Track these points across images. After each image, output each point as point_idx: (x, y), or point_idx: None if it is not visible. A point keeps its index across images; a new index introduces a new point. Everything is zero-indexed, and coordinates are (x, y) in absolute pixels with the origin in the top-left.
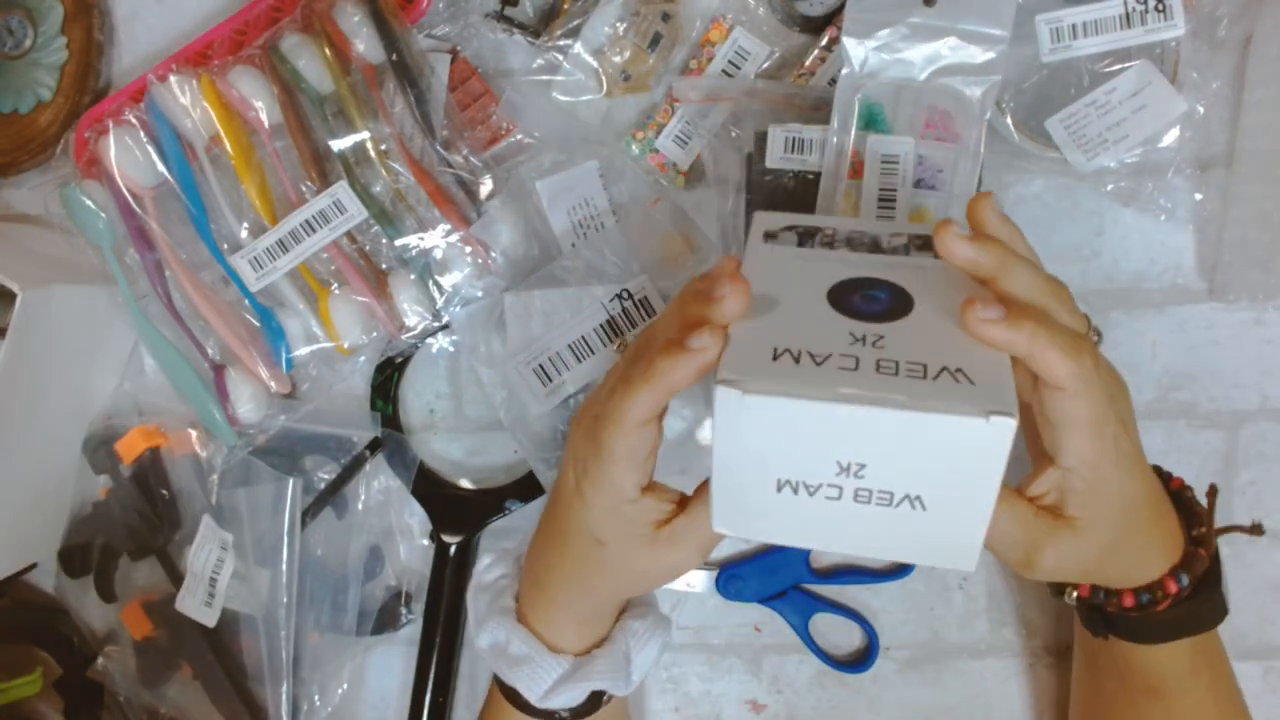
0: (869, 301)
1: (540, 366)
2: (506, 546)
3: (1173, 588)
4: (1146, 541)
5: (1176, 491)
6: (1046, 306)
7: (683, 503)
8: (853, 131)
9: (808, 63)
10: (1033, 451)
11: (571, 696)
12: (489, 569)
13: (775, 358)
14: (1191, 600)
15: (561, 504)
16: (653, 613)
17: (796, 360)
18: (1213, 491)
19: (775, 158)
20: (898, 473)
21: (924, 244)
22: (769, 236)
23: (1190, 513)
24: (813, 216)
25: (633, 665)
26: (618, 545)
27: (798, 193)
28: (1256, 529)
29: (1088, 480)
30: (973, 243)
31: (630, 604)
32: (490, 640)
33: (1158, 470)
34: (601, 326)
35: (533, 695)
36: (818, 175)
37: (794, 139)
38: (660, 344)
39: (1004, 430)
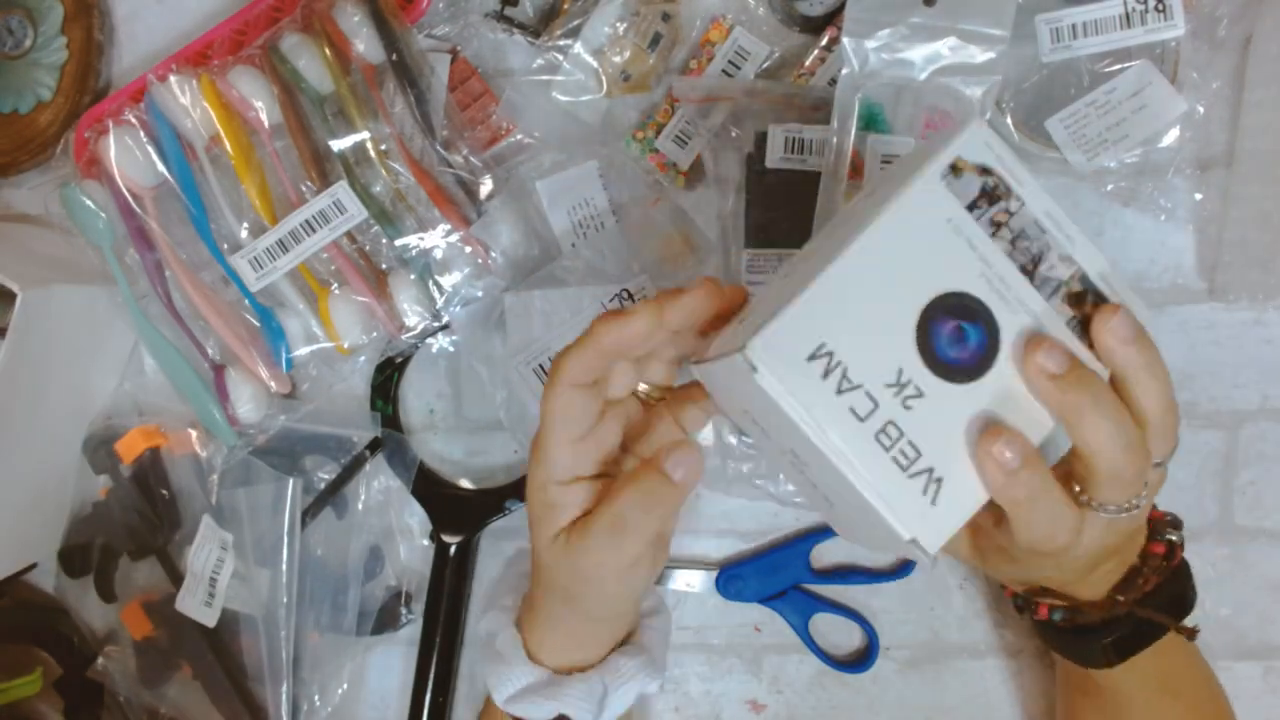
0: (953, 340)
1: (540, 366)
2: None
3: (1044, 613)
4: (1098, 578)
5: (1153, 520)
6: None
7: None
8: (853, 131)
9: (808, 63)
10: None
11: (537, 709)
12: (511, 563)
13: (812, 357)
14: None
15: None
16: (645, 656)
17: (825, 375)
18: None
19: (775, 158)
20: (841, 501)
21: (1082, 317)
22: (954, 171)
23: (1154, 540)
24: (1015, 168)
25: (607, 700)
26: (536, 530)
27: (798, 193)
28: (1191, 631)
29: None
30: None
31: (629, 641)
32: (486, 629)
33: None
34: None
35: (498, 695)
36: (818, 175)
37: (794, 139)
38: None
39: (922, 560)
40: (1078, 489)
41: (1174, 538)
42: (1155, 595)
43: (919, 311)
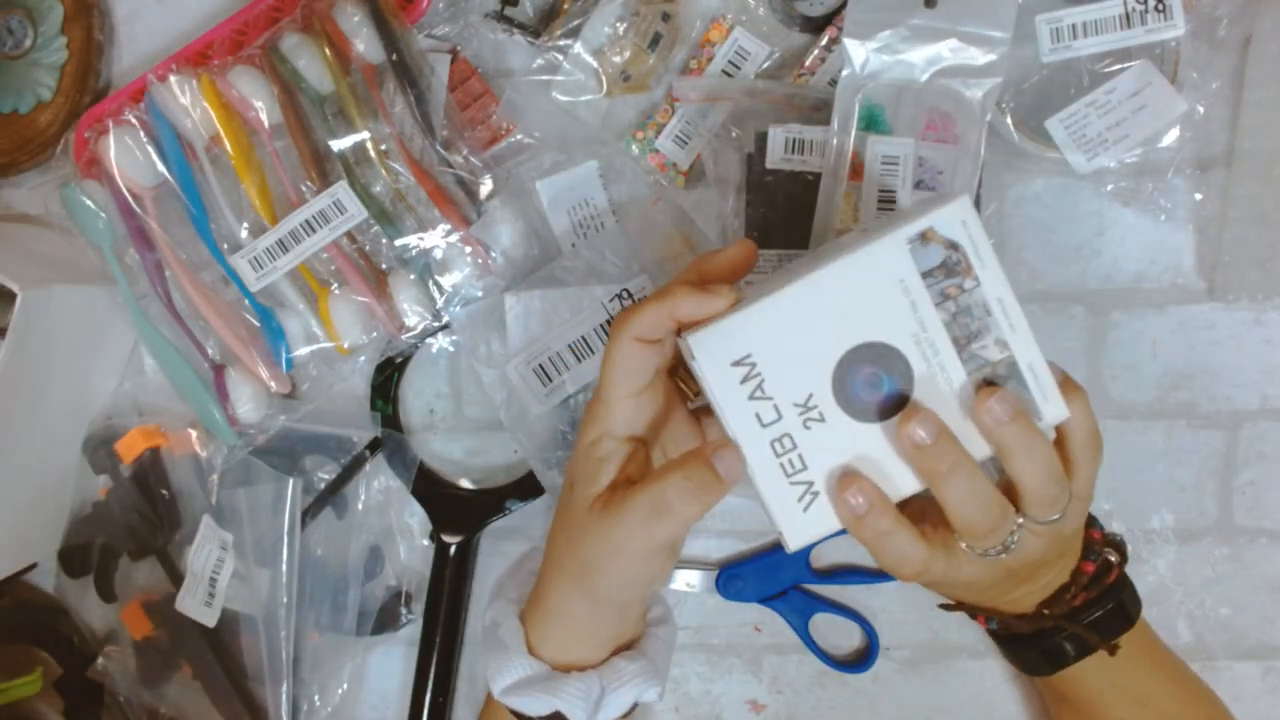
0: (866, 383)
1: (540, 367)
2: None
3: (981, 621)
4: (1023, 596)
5: (1088, 539)
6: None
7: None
8: (853, 132)
9: (808, 63)
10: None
11: (533, 703)
12: (523, 560)
13: (737, 363)
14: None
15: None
16: (645, 662)
17: (743, 381)
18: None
19: (776, 158)
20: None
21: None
22: (923, 238)
23: (1086, 559)
24: (983, 250)
25: (603, 701)
26: (578, 489)
27: (798, 194)
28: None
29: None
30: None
31: (631, 646)
32: (490, 618)
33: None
34: (602, 327)
35: (495, 685)
36: (818, 176)
37: (794, 139)
38: (677, 280)
39: (788, 549)
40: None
41: (1111, 557)
42: (1085, 610)
43: (844, 350)
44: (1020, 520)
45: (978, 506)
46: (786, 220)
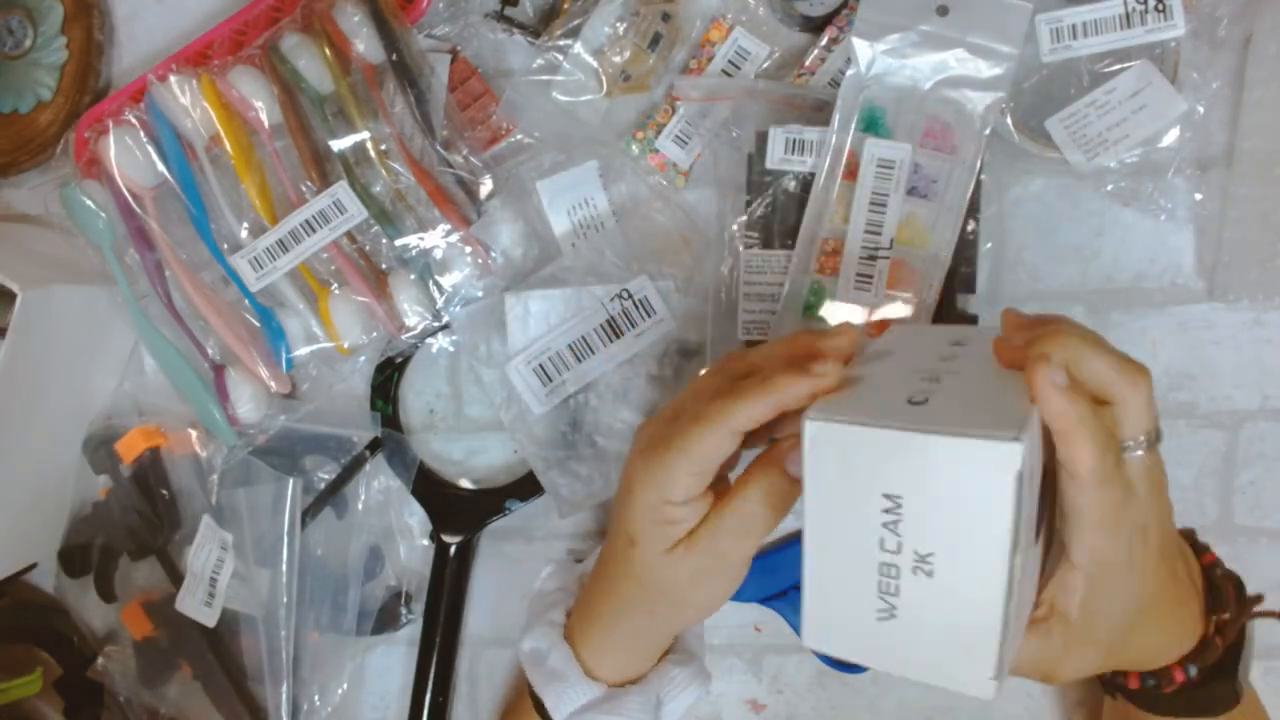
0: None
1: (541, 367)
2: (576, 557)
3: (1179, 676)
4: (1159, 630)
5: (1207, 568)
6: (1118, 393)
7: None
8: (852, 132)
9: (808, 62)
10: None
11: None
12: (550, 578)
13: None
14: (1201, 687)
15: (611, 517)
16: (696, 663)
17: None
18: (1243, 597)
19: (776, 159)
20: (924, 521)
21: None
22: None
23: (1217, 593)
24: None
25: (663, 710)
26: (646, 547)
27: (798, 194)
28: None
29: (1093, 579)
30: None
31: (675, 648)
32: (532, 646)
33: (1191, 540)
34: (602, 326)
35: (558, 713)
36: None
37: (795, 140)
38: (778, 364)
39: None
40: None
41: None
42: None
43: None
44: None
45: (1126, 382)
46: (786, 221)
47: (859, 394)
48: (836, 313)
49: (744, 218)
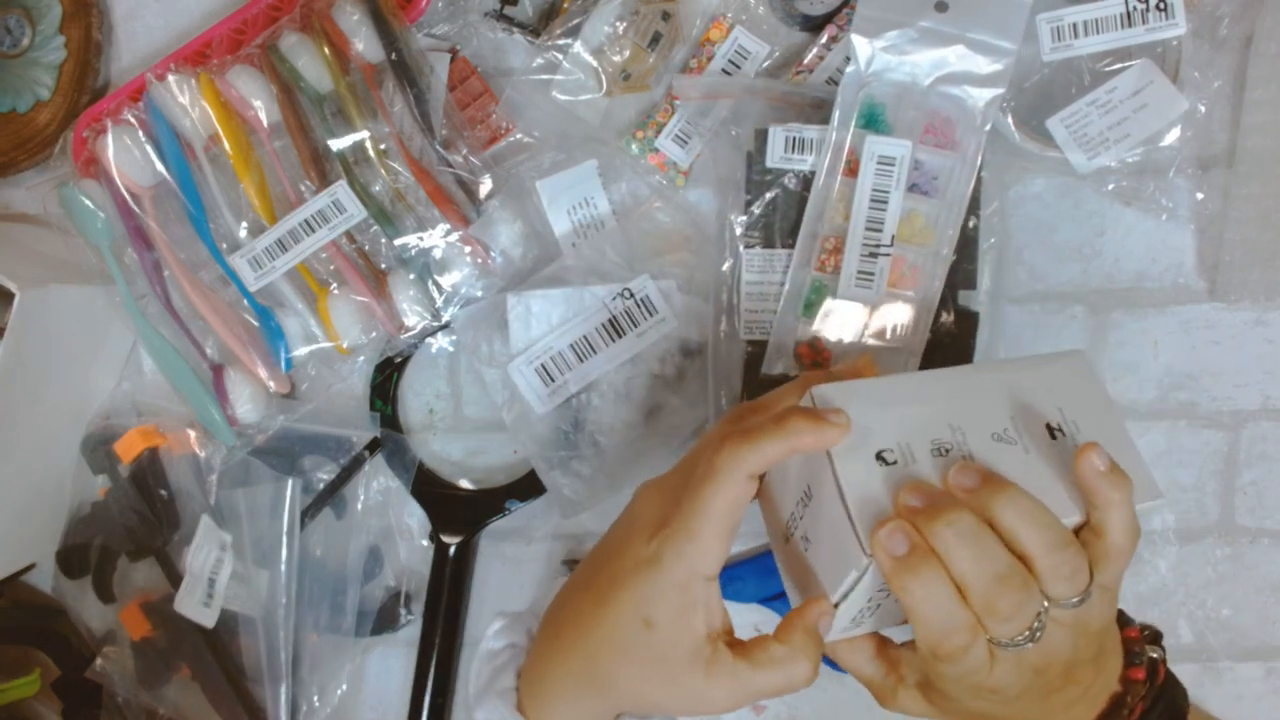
0: None
1: (542, 367)
2: (519, 611)
3: None
4: (1063, 710)
5: (1127, 641)
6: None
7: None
8: (851, 129)
9: (806, 60)
10: None
11: None
12: (498, 635)
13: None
14: None
15: (613, 579)
16: None
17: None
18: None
19: (775, 157)
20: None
21: None
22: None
23: (1132, 665)
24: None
25: None
26: (665, 632)
27: (798, 193)
28: None
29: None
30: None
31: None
32: (484, 718)
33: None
34: (603, 326)
35: None
36: None
37: (794, 138)
38: (793, 408)
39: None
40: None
41: (1155, 654)
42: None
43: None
44: (1045, 604)
45: (993, 578)
46: (786, 220)
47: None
48: (837, 310)
49: (744, 217)
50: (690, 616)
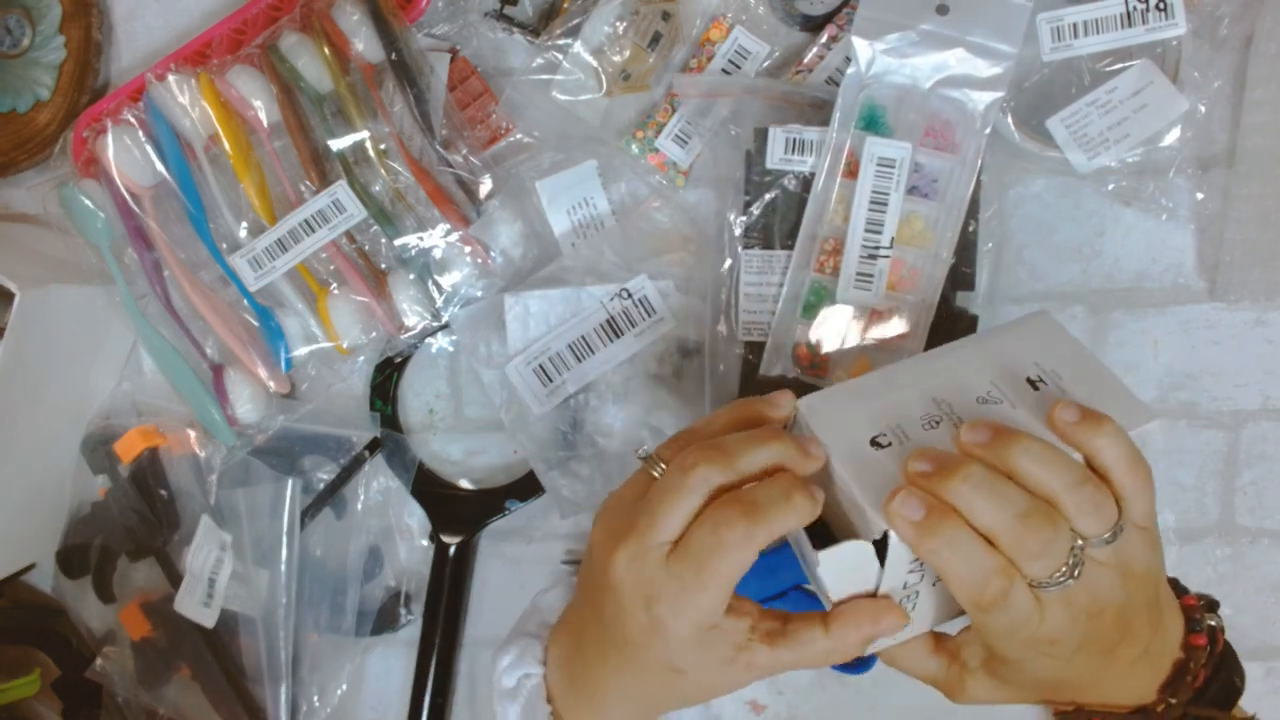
0: None
1: (540, 367)
2: (527, 635)
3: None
4: (1130, 675)
5: (1187, 608)
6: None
7: (759, 613)
8: (852, 131)
9: (807, 59)
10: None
11: None
12: (510, 671)
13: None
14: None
15: (625, 646)
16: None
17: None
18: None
19: (775, 158)
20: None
21: None
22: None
23: (1194, 631)
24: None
25: None
26: (698, 673)
27: (797, 194)
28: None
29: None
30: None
31: None
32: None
33: (1173, 582)
34: (601, 326)
35: None
36: None
37: (794, 140)
38: (782, 483)
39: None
40: None
41: (1214, 623)
42: (1206, 689)
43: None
44: (1079, 542)
45: (1016, 515)
46: (785, 220)
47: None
48: (836, 312)
49: (743, 217)
50: (713, 653)
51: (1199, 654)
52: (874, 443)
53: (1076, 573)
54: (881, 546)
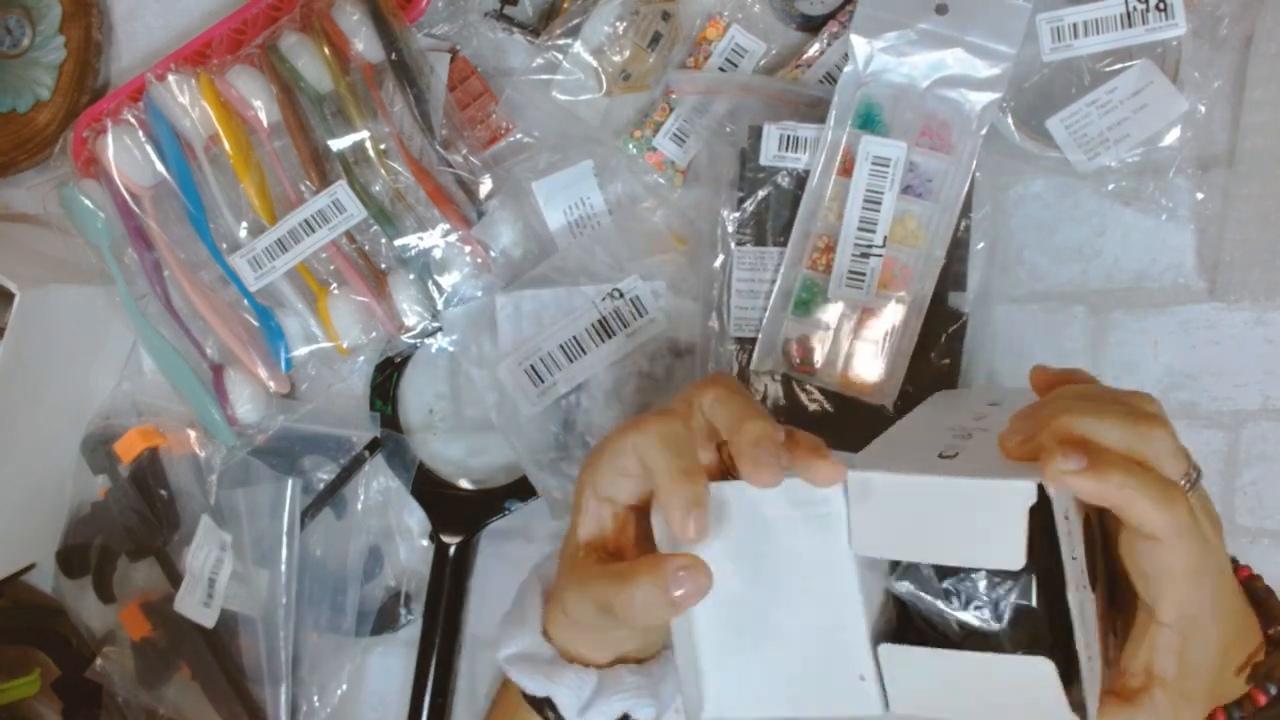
0: None
1: (532, 367)
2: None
3: (1261, 699)
4: (1237, 663)
5: (1245, 582)
6: (1141, 452)
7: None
8: (847, 129)
9: (807, 55)
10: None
11: (530, 682)
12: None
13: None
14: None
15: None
16: (644, 677)
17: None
18: None
19: (770, 155)
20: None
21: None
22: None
23: (1263, 608)
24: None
25: (593, 702)
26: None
27: (791, 191)
28: None
29: (1184, 634)
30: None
31: (643, 662)
32: (517, 593)
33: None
34: (593, 326)
35: (501, 650)
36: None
37: (789, 137)
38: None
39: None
40: None
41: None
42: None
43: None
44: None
45: (1140, 435)
46: (780, 218)
47: (897, 447)
48: (828, 310)
49: (736, 214)
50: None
51: (1270, 598)
52: (941, 456)
53: (1196, 478)
54: (1044, 511)
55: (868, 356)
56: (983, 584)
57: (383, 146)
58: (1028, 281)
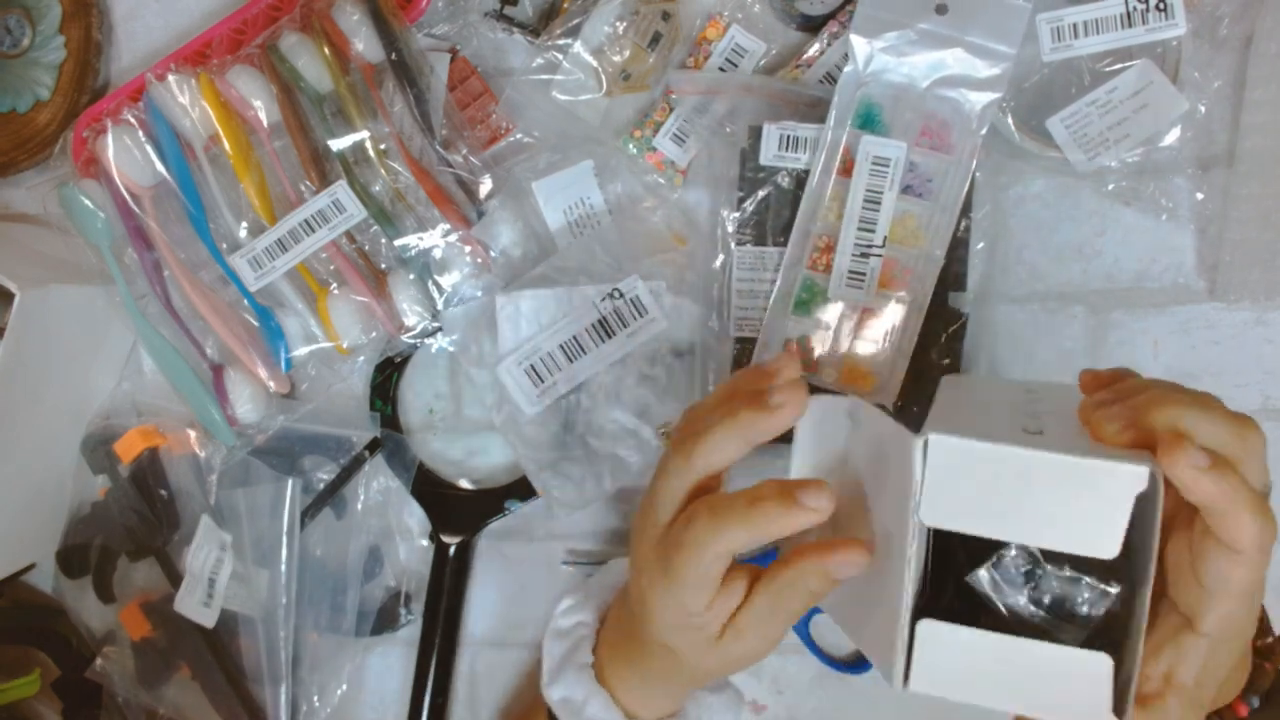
0: None
1: (532, 367)
2: (574, 560)
3: (1243, 711)
4: (1233, 675)
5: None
6: (1238, 456)
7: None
8: (847, 128)
9: (807, 54)
10: None
11: None
12: (567, 613)
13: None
14: (1265, 711)
15: (632, 607)
16: (730, 689)
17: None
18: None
19: (769, 155)
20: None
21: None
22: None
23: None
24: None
25: None
26: (688, 652)
27: (791, 191)
28: None
29: (1213, 646)
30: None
31: None
32: (563, 695)
33: None
34: (593, 326)
35: None
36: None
37: (789, 137)
38: (771, 489)
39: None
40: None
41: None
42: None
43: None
44: None
45: (1243, 445)
46: (779, 218)
47: (967, 420)
48: (828, 310)
49: (736, 213)
50: (699, 635)
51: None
52: (1025, 432)
53: (1267, 496)
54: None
55: (868, 356)
56: (1055, 570)
57: (383, 146)
58: (1028, 281)
